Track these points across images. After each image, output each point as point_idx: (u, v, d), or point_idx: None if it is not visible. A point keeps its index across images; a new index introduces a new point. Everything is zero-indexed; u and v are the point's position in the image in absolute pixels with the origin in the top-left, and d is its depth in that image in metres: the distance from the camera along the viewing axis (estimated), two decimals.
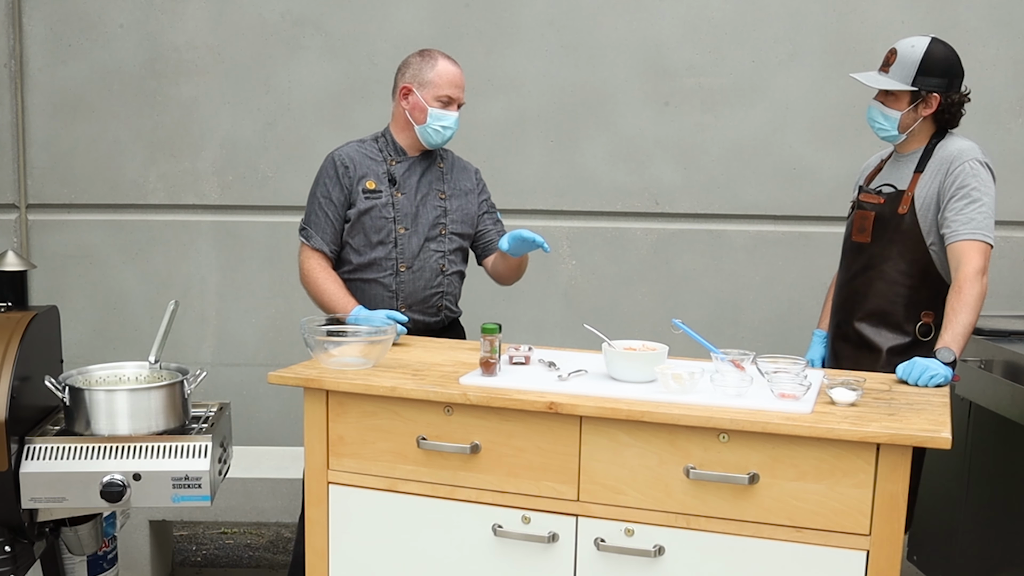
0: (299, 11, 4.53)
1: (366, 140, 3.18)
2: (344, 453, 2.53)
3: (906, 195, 2.88)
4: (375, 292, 3.08)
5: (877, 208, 2.94)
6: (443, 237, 3.14)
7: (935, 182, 2.84)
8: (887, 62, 2.91)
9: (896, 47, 2.90)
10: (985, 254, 2.76)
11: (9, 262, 2.90)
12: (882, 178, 3.02)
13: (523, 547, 2.41)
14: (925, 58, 2.83)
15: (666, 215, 4.56)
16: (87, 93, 4.59)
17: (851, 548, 2.20)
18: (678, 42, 4.46)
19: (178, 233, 4.67)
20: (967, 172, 2.79)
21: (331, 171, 3.11)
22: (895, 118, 2.89)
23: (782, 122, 4.46)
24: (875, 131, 2.97)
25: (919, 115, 2.88)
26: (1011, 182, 4.37)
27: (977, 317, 2.73)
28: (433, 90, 3.04)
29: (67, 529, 2.84)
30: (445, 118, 3.05)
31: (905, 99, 2.87)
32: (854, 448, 2.17)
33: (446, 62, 3.08)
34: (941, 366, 2.55)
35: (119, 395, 2.65)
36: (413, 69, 3.09)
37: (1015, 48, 4.35)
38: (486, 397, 2.39)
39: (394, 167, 3.11)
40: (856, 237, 3.01)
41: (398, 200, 3.08)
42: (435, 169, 3.18)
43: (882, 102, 2.91)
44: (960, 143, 2.87)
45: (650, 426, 2.29)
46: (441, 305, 3.14)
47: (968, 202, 2.77)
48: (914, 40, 2.88)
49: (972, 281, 2.72)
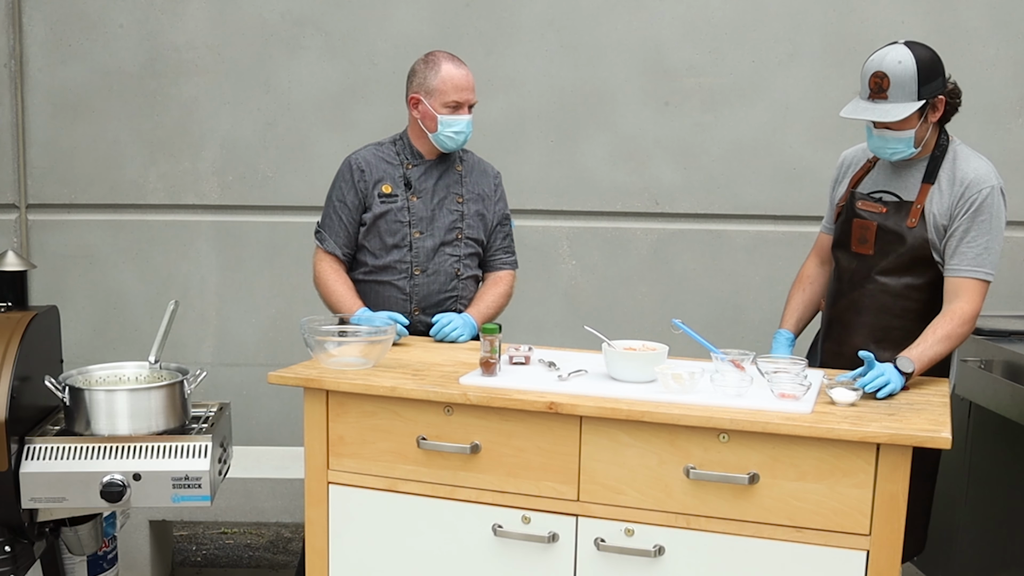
0: (299, 11, 4.53)
1: (384, 143, 3.17)
2: (344, 453, 2.53)
3: (915, 207, 2.73)
4: (389, 294, 3.08)
5: (879, 218, 2.79)
6: (459, 242, 3.13)
7: (948, 201, 2.70)
8: (880, 88, 2.67)
9: (883, 71, 2.66)
10: (985, 293, 2.71)
11: (9, 262, 2.90)
12: (877, 183, 2.86)
13: (523, 547, 2.41)
14: (920, 68, 2.64)
15: (666, 215, 4.56)
16: (87, 93, 4.59)
17: (851, 548, 2.20)
18: (678, 42, 4.46)
19: (178, 233, 4.67)
20: (986, 202, 2.67)
21: (347, 175, 3.11)
22: (910, 138, 2.69)
23: (782, 122, 4.46)
24: (888, 157, 2.76)
25: (930, 123, 2.72)
26: (1011, 182, 4.32)
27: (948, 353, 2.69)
28: (440, 97, 3.01)
29: (67, 529, 2.84)
30: (456, 123, 3.03)
31: (914, 116, 2.67)
32: (854, 448, 2.17)
33: (449, 66, 3.03)
34: (898, 377, 2.46)
35: (119, 395, 2.65)
36: (419, 77, 3.06)
37: (1015, 48, 4.34)
38: (486, 397, 2.39)
39: (410, 171, 3.11)
40: (857, 248, 2.85)
41: (413, 204, 3.08)
42: (453, 172, 3.16)
43: (888, 127, 2.70)
44: (978, 164, 2.73)
45: (650, 426, 2.29)
46: (456, 309, 3.14)
47: (978, 234, 2.67)
48: (895, 54, 2.66)
49: (967, 322, 2.65)
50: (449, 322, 2.99)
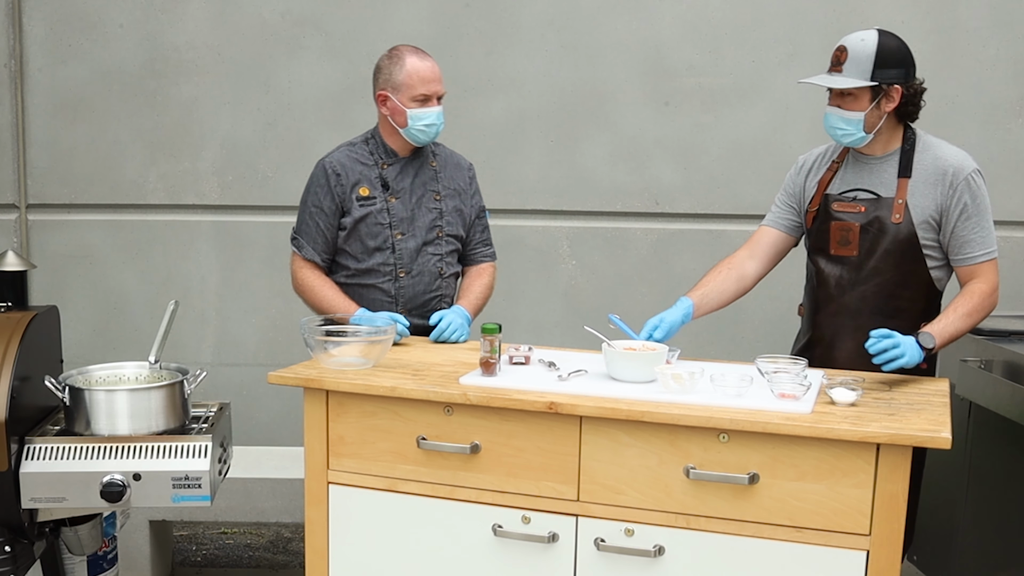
0: (299, 11, 4.53)
1: (356, 143, 3.15)
2: (344, 453, 2.53)
3: (896, 203, 2.73)
4: (374, 297, 3.07)
5: (859, 218, 2.77)
6: (440, 240, 3.12)
7: (933, 194, 2.71)
8: (838, 61, 2.71)
9: (845, 44, 2.71)
10: (997, 267, 2.76)
11: (9, 262, 2.90)
12: (848, 182, 2.83)
13: (523, 547, 2.41)
14: (879, 51, 2.66)
15: (666, 215, 4.56)
16: (87, 93, 4.59)
17: (851, 548, 2.20)
18: (678, 42, 4.46)
19: (178, 233, 4.67)
20: (972, 188, 2.70)
21: (322, 180, 3.08)
22: (858, 119, 2.70)
23: (782, 122, 4.46)
24: (838, 138, 2.77)
25: (883, 111, 2.71)
26: (1011, 182, 4.37)
27: (970, 329, 2.73)
28: (407, 91, 2.98)
29: (67, 529, 2.84)
30: (426, 116, 3.00)
31: (865, 97, 2.69)
32: (854, 448, 2.17)
33: (414, 59, 3.00)
34: (916, 352, 2.53)
35: (119, 395, 2.65)
36: (384, 74, 3.03)
37: (1015, 48, 4.34)
38: (486, 397, 2.39)
39: (386, 170, 3.08)
40: (838, 250, 2.81)
41: (393, 205, 3.06)
42: (428, 169, 3.14)
43: (839, 106, 2.72)
44: (951, 152, 2.75)
45: (650, 426, 2.29)
46: (440, 308, 3.13)
47: (977, 219, 2.71)
48: (862, 34, 2.71)
49: (988, 295, 2.71)
50: (448, 324, 2.98)
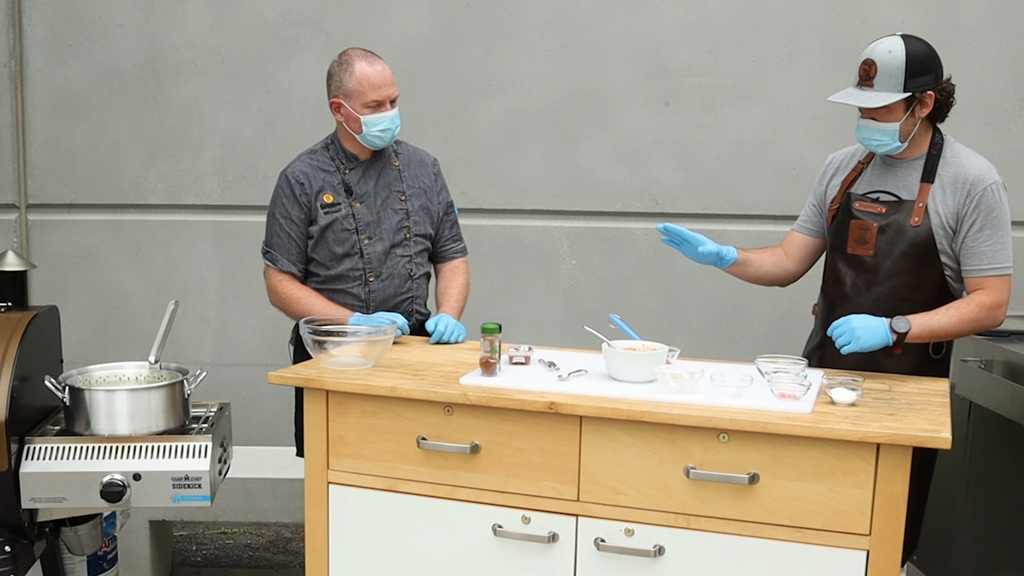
0: (299, 11, 4.53)
1: (316, 150, 3.12)
2: (344, 453, 2.53)
3: (917, 206, 2.72)
4: (345, 302, 3.05)
5: (879, 219, 2.77)
6: (408, 241, 3.10)
7: (953, 201, 2.70)
8: (867, 75, 2.70)
9: (872, 57, 2.69)
10: (1009, 285, 2.72)
11: (9, 262, 2.90)
12: (872, 183, 2.84)
13: (523, 547, 2.41)
14: (908, 59, 2.64)
15: (666, 215, 4.55)
16: (87, 93, 4.59)
17: (851, 548, 2.20)
18: (678, 42, 4.46)
19: (178, 233, 4.67)
20: (992, 200, 2.69)
21: (287, 190, 3.05)
22: (894, 130, 2.70)
23: (782, 122, 4.46)
24: (873, 148, 2.77)
25: (917, 118, 2.71)
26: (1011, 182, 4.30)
27: (958, 337, 2.73)
28: (359, 98, 2.95)
29: (67, 529, 2.84)
30: (380, 122, 2.97)
31: (900, 108, 2.68)
32: (854, 448, 2.17)
33: (363, 64, 2.96)
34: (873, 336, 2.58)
35: (119, 395, 2.66)
36: (335, 81, 3.00)
37: (1015, 48, 4.34)
38: (486, 397, 2.39)
39: (348, 175, 3.06)
40: (854, 249, 2.82)
41: (358, 210, 3.04)
42: (391, 170, 3.11)
43: (874, 118, 2.71)
44: (976, 162, 2.74)
45: (650, 426, 2.29)
46: (411, 310, 3.12)
47: (991, 232, 2.69)
48: (887, 44, 2.68)
49: (987, 308, 2.68)
50: (446, 327, 2.98)
